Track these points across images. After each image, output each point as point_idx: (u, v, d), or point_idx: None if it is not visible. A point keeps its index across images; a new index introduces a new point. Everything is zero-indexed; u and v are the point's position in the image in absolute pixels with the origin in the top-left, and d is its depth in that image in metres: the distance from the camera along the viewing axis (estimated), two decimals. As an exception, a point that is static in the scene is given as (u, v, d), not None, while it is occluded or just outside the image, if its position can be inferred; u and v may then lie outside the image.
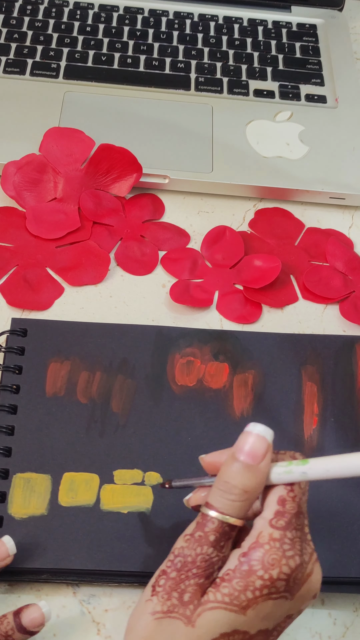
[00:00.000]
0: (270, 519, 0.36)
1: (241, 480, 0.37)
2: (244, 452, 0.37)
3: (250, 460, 0.37)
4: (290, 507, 0.36)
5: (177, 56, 0.74)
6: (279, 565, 0.35)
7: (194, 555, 0.36)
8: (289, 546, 0.36)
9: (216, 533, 0.36)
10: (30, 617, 0.41)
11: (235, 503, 0.37)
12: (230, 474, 0.37)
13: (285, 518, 0.36)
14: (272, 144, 0.68)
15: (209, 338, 0.55)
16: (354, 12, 0.84)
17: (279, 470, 0.37)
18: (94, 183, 0.64)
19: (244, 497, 0.37)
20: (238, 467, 0.37)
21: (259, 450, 0.37)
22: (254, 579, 0.35)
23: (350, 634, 0.46)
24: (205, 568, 0.36)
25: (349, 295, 0.60)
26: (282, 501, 0.37)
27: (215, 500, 0.37)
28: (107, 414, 0.50)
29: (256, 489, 0.37)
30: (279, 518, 0.36)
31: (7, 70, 0.71)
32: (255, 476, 0.37)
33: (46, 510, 0.46)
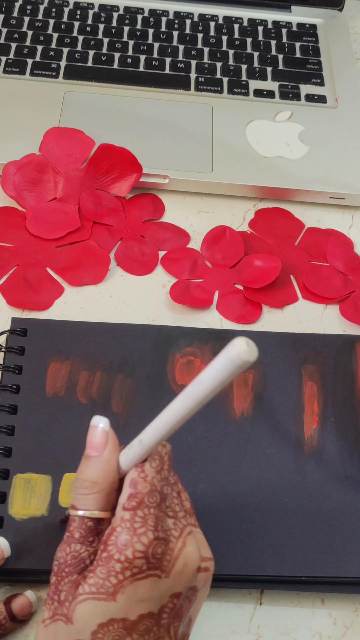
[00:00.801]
0: (123, 502, 0.37)
1: (88, 472, 0.38)
2: (88, 446, 0.38)
3: (92, 451, 0.38)
4: (141, 487, 0.37)
5: (177, 56, 0.74)
6: (132, 544, 0.35)
7: (64, 555, 0.37)
8: (140, 524, 0.36)
9: (80, 530, 0.37)
10: (20, 606, 0.43)
11: (89, 496, 0.37)
12: (80, 469, 0.38)
13: (137, 498, 0.36)
14: (272, 144, 0.68)
15: (209, 337, 0.55)
16: (354, 12, 0.84)
17: (123, 453, 0.38)
18: (94, 183, 0.64)
19: (95, 488, 0.37)
20: (85, 461, 0.38)
21: (97, 439, 0.38)
22: (112, 563, 0.35)
23: (350, 634, 0.46)
24: (75, 565, 0.36)
25: (349, 295, 0.60)
26: (134, 483, 0.37)
27: (74, 499, 0.38)
28: (108, 414, 0.50)
29: (105, 478, 0.37)
30: (130, 500, 0.36)
31: (7, 70, 0.71)
32: (100, 464, 0.37)
33: (46, 510, 0.46)
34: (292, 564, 0.45)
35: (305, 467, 0.49)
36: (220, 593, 0.46)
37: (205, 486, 0.48)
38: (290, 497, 0.48)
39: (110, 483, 0.37)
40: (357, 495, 0.48)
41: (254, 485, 0.48)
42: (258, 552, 0.46)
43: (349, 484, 0.49)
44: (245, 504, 0.47)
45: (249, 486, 0.48)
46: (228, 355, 0.30)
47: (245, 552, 0.46)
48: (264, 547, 0.46)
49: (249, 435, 0.50)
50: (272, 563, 0.45)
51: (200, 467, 0.49)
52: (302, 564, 0.46)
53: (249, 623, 0.46)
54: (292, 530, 0.47)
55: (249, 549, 0.46)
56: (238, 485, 0.48)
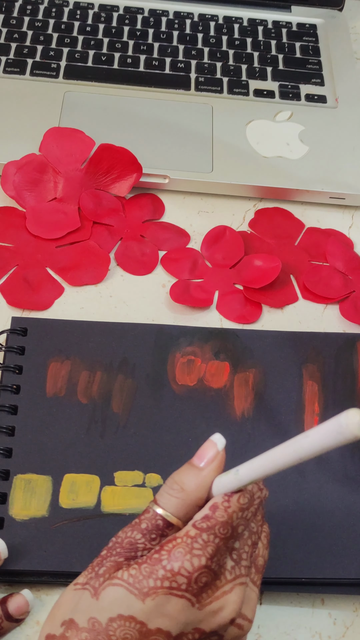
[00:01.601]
0: (196, 520, 0.37)
1: (182, 477, 0.38)
2: (197, 455, 0.39)
3: (197, 460, 0.38)
4: (219, 514, 0.36)
5: (177, 56, 0.74)
6: (182, 560, 0.35)
7: (123, 537, 0.37)
8: (200, 546, 0.35)
9: (148, 522, 0.37)
10: (16, 605, 0.43)
11: (172, 499, 0.37)
12: (179, 471, 0.38)
13: (210, 522, 0.36)
14: (272, 144, 0.68)
15: (209, 336, 0.55)
16: (354, 12, 0.84)
17: (219, 478, 0.38)
18: (94, 183, 0.64)
19: (181, 494, 0.37)
20: (186, 466, 0.38)
21: (206, 453, 0.39)
22: (158, 567, 0.35)
23: (350, 633, 0.46)
24: (128, 549, 0.37)
25: (349, 295, 0.60)
26: (214, 507, 0.37)
27: (159, 494, 0.38)
28: (108, 414, 0.50)
29: (194, 490, 0.37)
30: (203, 520, 0.36)
31: (7, 70, 0.71)
32: (197, 477, 0.38)
33: (47, 511, 0.46)
34: (292, 565, 0.45)
35: (305, 467, 0.49)
36: (220, 593, 0.46)
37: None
38: (291, 498, 0.48)
39: (197, 497, 0.37)
40: (357, 495, 0.48)
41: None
42: (258, 552, 0.46)
43: (349, 484, 0.49)
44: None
45: (249, 486, 0.48)
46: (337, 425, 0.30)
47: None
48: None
49: (249, 436, 0.50)
50: (273, 564, 0.45)
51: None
52: (302, 566, 0.46)
53: (249, 623, 0.45)
54: (292, 531, 0.47)
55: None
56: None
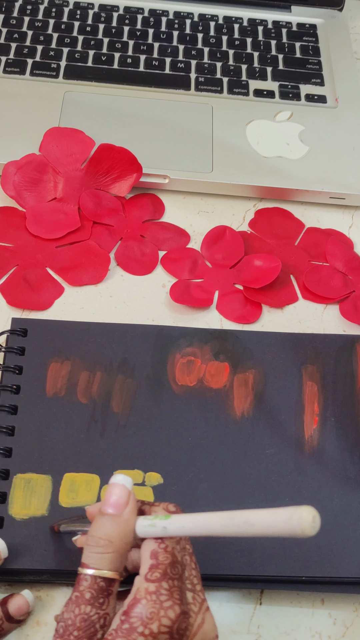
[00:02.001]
0: (145, 573, 0.36)
1: (105, 531, 0.37)
2: (107, 504, 0.37)
3: (112, 509, 0.37)
4: (163, 558, 0.36)
5: (177, 56, 0.74)
6: (158, 618, 0.34)
7: (73, 617, 0.35)
8: (166, 597, 0.35)
9: (91, 590, 0.36)
10: (17, 606, 0.43)
11: (104, 555, 0.36)
12: (96, 526, 0.37)
13: (160, 570, 0.35)
14: (272, 144, 0.68)
15: (209, 337, 0.55)
16: (354, 12, 0.84)
17: (143, 523, 0.37)
18: (94, 183, 0.64)
19: (111, 548, 0.36)
20: (102, 518, 0.37)
21: (120, 499, 0.37)
22: (135, 636, 0.34)
23: (350, 634, 0.46)
24: (85, 628, 0.35)
25: (349, 295, 0.60)
26: (155, 554, 0.36)
27: (86, 557, 0.37)
28: (108, 414, 0.50)
29: (122, 538, 0.36)
30: (153, 571, 0.36)
31: (7, 70, 0.71)
32: (118, 524, 0.37)
33: (47, 511, 0.46)
34: (292, 564, 0.45)
35: (305, 467, 0.49)
36: (220, 593, 0.46)
37: (205, 486, 0.48)
38: (291, 497, 0.48)
39: (126, 544, 0.37)
40: (357, 495, 0.48)
41: (254, 485, 0.48)
42: (258, 552, 0.46)
43: (349, 484, 0.49)
44: (245, 504, 0.47)
45: (249, 486, 0.48)
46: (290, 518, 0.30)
47: (245, 552, 0.46)
48: (264, 547, 0.46)
49: (249, 435, 0.50)
50: (272, 563, 0.45)
51: (200, 467, 0.49)
52: (302, 564, 0.46)
53: (249, 623, 0.46)
54: (292, 530, 0.47)
55: (249, 549, 0.46)
56: (238, 485, 0.48)
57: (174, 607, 0.35)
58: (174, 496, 0.47)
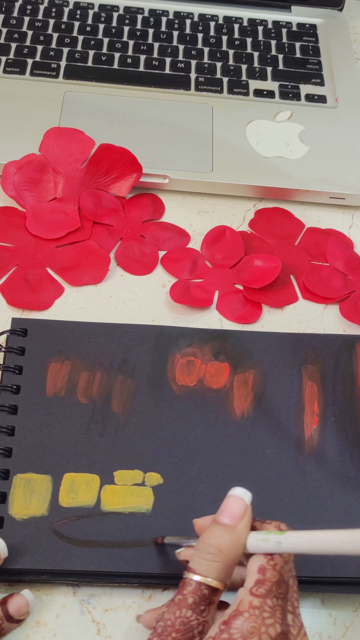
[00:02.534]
0: (250, 587, 0.36)
1: (217, 539, 0.37)
2: (223, 513, 0.38)
3: (228, 519, 0.37)
4: (270, 575, 0.36)
5: (177, 56, 0.74)
6: (258, 634, 0.34)
7: (173, 619, 0.36)
8: (269, 614, 0.35)
9: (194, 595, 0.36)
10: (16, 606, 0.43)
11: (212, 563, 0.36)
12: (208, 533, 0.37)
13: (266, 586, 0.36)
14: (272, 144, 0.68)
15: (209, 338, 0.55)
16: (354, 12, 0.84)
17: (256, 537, 0.37)
18: (94, 183, 0.64)
19: (220, 557, 0.36)
20: (215, 527, 0.37)
21: (237, 511, 0.38)
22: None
23: (350, 634, 0.46)
24: (184, 632, 0.35)
25: (349, 295, 0.60)
26: (262, 570, 0.36)
27: (194, 562, 0.37)
28: (108, 414, 0.50)
29: (232, 550, 0.37)
30: (259, 586, 0.36)
31: (7, 70, 0.71)
32: (231, 536, 0.37)
33: (47, 510, 0.46)
34: (292, 564, 0.45)
35: (305, 467, 0.49)
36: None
37: (205, 486, 0.48)
38: (291, 497, 0.48)
39: (235, 556, 0.37)
40: (357, 495, 0.48)
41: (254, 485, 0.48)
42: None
43: (349, 484, 0.49)
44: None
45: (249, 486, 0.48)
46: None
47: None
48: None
49: (249, 435, 0.50)
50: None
51: (200, 467, 0.49)
52: (302, 564, 0.45)
53: (249, 623, 0.45)
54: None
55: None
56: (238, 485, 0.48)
57: (275, 626, 0.35)
58: (174, 496, 0.47)
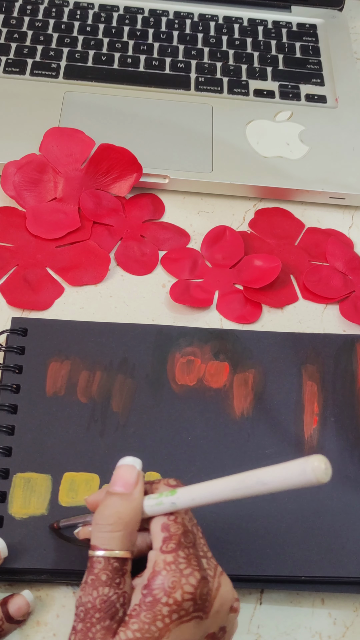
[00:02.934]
0: (159, 546, 0.36)
1: (114, 509, 0.37)
2: (116, 483, 0.38)
3: (122, 488, 0.38)
4: (175, 529, 0.36)
5: (177, 56, 0.74)
6: (180, 586, 0.35)
7: (92, 600, 0.36)
8: (185, 565, 0.35)
9: (106, 571, 0.36)
10: (17, 606, 0.43)
11: (114, 534, 0.37)
12: (104, 505, 0.37)
13: (174, 540, 0.36)
14: (272, 144, 0.68)
15: (209, 337, 0.55)
16: (354, 12, 0.84)
17: (150, 502, 0.37)
18: (94, 183, 0.64)
19: (120, 525, 0.37)
20: (110, 498, 0.37)
21: (129, 478, 0.38)
22: (159, 607, 0.34)
23: (350, 634, 0.46)
24: (106, 610, 0.35)
25: (349, 295, 0.60)
26: (166, 527, 0.37)
27: (96, 538, 0.37)
28: (108, 413, 0.50)
29: (131, 516, 0.37)
30: (167, 543, 0.36)
31: (7, 70, 0.71)
32: (129, 502, 0.37)
33: (46, 510, 0.46)
34: (292, 564, 0.45)
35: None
36: (220, 593, 0.46)
37: (205, 486, 0.48)
38: (290, 497, 0.48)
39: (135, 522, 0.37)
40: (357, 495, 0.48)
41: (254, 485, 0.48)
42: (258, 552, 0.46)
43: (349, 484, 0.49)
44: (245, 503, 0.47)
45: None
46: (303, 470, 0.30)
47: (245, 552, 0.46)
48: (264, 547, 0.46)
49: (249, 435, 0.50)
50: (272, 563, 0.45)
51: (200, 467, 0.49)
52: (302, 564, 0.46)
53: (249, 623, 0.45)
54: (292, 530, 0.47)
55: (249, 549, 0.46)
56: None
57: (194, 574, 0.35)
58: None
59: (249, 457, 0.49)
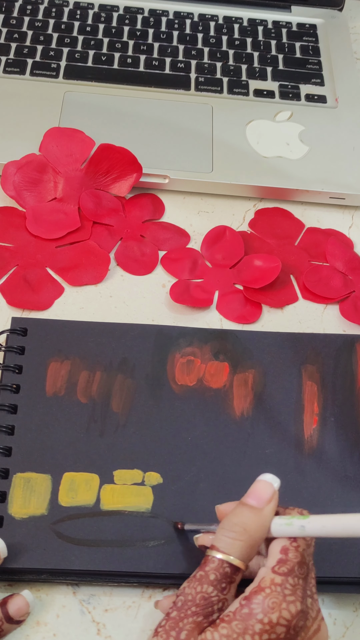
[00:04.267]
0: (272, 566, 0.36)
1: (242, 519, 0.37)
2: (250, 495, 0.39)
3: (255, 502, 0.38)
4: (292, 555, 0.37)
5: (177, 56, 0.74)
6: (279, 609, 0.35)
7: (193, 594, 0.36)
8: (290, 591, 0.35)
9: (216, 572, 0.36)
10: (16, 607, 0.43)
11: (236, 542, 0.37)
12: (235, 513, 0.38)
13: (288, 565, 0.36)
14: (272, 144, 0.68)
15: (209, 337, 0.55)
16: (354, 12, 0.84)
17: (280, 521, 0.38)
18: (94, 183, 0.64)
19: (245, 536, 0.37)
20: (242, 508, 0.38)
21: (264, 494, 0.39)
22: (253, 622, 0.34)
23: (350, 633, 0.46)
24: (204, 606, 0.36)
25: (349, 295, 0.60)
26: (285, 550, 0.37)
27: (218, 540, 0.37)
28: (107, 413, 0.50)
29: (257, 531, 0.37)
30: (281, 565, 0.36)
31: (7, 70, 0.71)
32: (258, 517, 0.38)
33: (46, 510, 0.46)
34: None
35: (305, 467, 0.49)
36: (220, 593, 0.46)
37: (205, 486, 0.48)
38: (290, 497, 0.48)
39: (259, 537, 0.37)
40: (357, 495, 0.48)
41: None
42: (258, 551, 0.46)
43: (348, 484, 0.49)
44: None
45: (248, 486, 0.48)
46: None
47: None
48: (264, 546, 0.46)
49: (249, 435, 0.50)
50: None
51: (200, 467, 0.49)
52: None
53: (248, 623, 0.45)
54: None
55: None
56: (238, 485, 0.48)
57: (296, 603, 0.35)
58: (174, 496, 0.47)
59: (249, 457, 0.49)
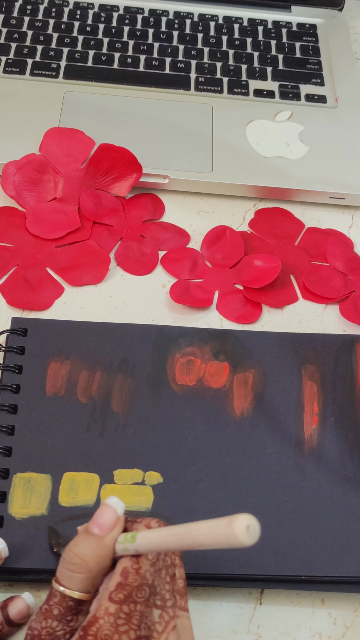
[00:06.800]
0: (111, 591, 0.35)
1: (81, 549, 0.36)
2: (95, 523, 0.37)
3: (97, 529, 0.37)
4: (132, 579, 0.35)
5: (177, 56, 0.74)
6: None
7: (39, 629, 0.36)
8: (124, 621, 0.35)
9: (59, 607, 0.36)
10: (17, 609, 0.42)
11: (75, 575, 0.36)
12: (75, 541, 0.37)
13: (125, 591, 0.35)
14: (272, 144, 0.68)
15: (209, 337, 0.55)
16: (354, 12, 0.84)
17: (119, 547, 0.37)
18: (94, 183, 0.64)
19: (83, 569, 0.36)
20: (83, 536, 0.37)
21: (107, 522, 0.37)
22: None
23: (350, 634, 0.46)
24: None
25: (349, 295, 0.60)
26: (125, 573, 0.36)
27: (59, 571, 0.37)
28: (107, 413, 0.50)
29: (97, 563, 0.36)
30: (118, 591, 0.35)
31: (7, 70, 0.71)
32: (98, 546, 0.36)
33: (46, 510, 0.46)
34: (292, 564, 0.45)
35: (305, 466, 0.49)
36: (220, 593, 0.46)
37: (205, 486, 0.48)
38: (290, 497, 0.48)
39: (100, 568, 0.36)
40: (357, 495, 0.48)
41: (254, 485, 0.48)
42: (258, 551, 0.45)
43: (349, 484, 0.49)
44: (245, 503, 0.47)
45: (249, 486, 0.48)
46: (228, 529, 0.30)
47: (245, 552, 0.45)
48: (264, 546, 0.46)
49: (249, 435, 0.50)
50: (272, 562, 0.45)
51: (200, 467, 0.49)
52: (302, 564, 0.46)
53: (249, 623, 0.46)
54: (292, 530, 0.47)
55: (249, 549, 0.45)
56: (237, 484, 0.48)
57: (129, 633, 0.34)
58: (174, 495, 0.47)
59: (249, 457, 0.49)
